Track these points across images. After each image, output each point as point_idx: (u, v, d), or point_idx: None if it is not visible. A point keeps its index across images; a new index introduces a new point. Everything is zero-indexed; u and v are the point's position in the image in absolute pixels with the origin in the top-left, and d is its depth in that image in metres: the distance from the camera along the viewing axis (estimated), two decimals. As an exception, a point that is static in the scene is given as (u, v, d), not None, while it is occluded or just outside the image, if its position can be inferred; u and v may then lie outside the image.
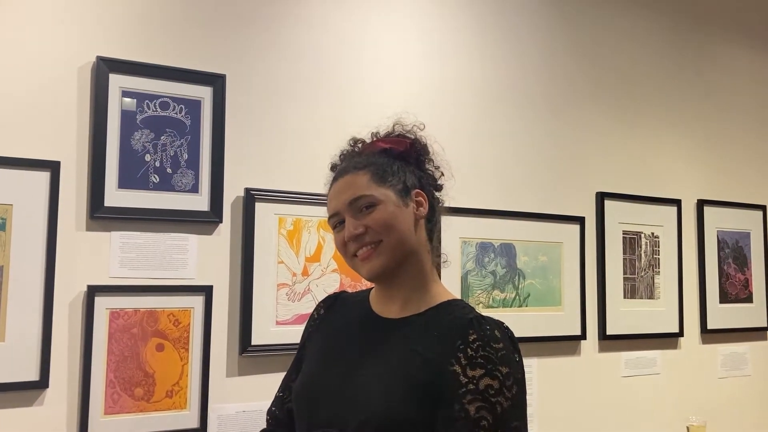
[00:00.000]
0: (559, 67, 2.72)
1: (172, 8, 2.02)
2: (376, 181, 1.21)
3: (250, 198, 2.05)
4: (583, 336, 2.64)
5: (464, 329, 1.12)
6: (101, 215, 1.85)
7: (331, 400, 1.18)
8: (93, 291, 1.83)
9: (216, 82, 2.02)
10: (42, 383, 1.75)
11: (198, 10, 2.05)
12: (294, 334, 2.00)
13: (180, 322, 1.93)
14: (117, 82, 1.89)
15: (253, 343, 2.02)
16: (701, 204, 3.04)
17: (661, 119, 2.98)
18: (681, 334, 2.90)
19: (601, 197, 2.74)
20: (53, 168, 1.80)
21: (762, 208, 3.24)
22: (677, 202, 2.95)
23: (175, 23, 2.01)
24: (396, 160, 1.27)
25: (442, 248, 1.36)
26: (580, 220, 2.67)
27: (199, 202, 1.99)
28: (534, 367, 2.52)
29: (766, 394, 3.17)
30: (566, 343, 2.62)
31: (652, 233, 2.88)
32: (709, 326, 2.99)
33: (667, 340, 2.88)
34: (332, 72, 2.25)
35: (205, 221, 1.99)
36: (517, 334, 1.18)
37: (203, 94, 2.01)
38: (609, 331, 2.70)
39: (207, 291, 1.97)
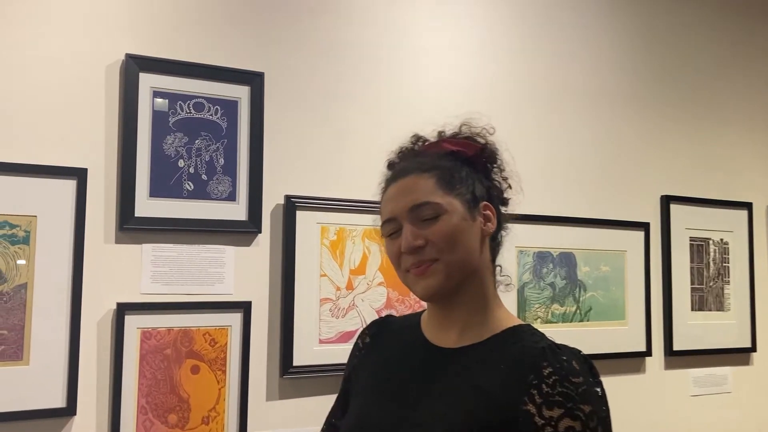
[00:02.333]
0: (621, 64, 2.57)
1: (206, 1, 1.90)
2: (443, 188, 1.07)
3: (291, 206, 1.93)
4: (649, 352, 2.49)
5: (536, 361, 0.98)
6: (131, 226, 1.76)
7: None
8: (123, 309, 1.73)
9: (254, 80, 1.92)
10: (69, 410, 1.66)
11: (233, 3, 1.94)
12: (338, 354, 1.90)
13: (216, 342, 1.82)
14: (147, 81, 1.80)
15: (294, 363, 1.90)
16: (774, 207, 2.87)
17: (729, 117, 2.82)
18: (754, 349, 2.75)
19: (667, 201, 2.59)
20: (80, 176, 1.71)
21: (840, 210, 3.03)
22: (748, 206, 2.80)
23: (209, 18, 1.90)
24: (464, 166, 1.11)
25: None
26: (645, 226, 2.52)
27: (237, 211, 1.88)
28: (597, 387, 2.35)
29: None
30: (630, 360, 2.47)
31: (721, 239, 2.71)
32: (785, 340, 2.81)
33: (739, 355, 2.73)
34: (378, 69, 2.12)
35: (242, 232, 1.89)
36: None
37: (240, 93, 1.91)
38: (676, 347, 2.55)
39: (245, 308, 1.86)
